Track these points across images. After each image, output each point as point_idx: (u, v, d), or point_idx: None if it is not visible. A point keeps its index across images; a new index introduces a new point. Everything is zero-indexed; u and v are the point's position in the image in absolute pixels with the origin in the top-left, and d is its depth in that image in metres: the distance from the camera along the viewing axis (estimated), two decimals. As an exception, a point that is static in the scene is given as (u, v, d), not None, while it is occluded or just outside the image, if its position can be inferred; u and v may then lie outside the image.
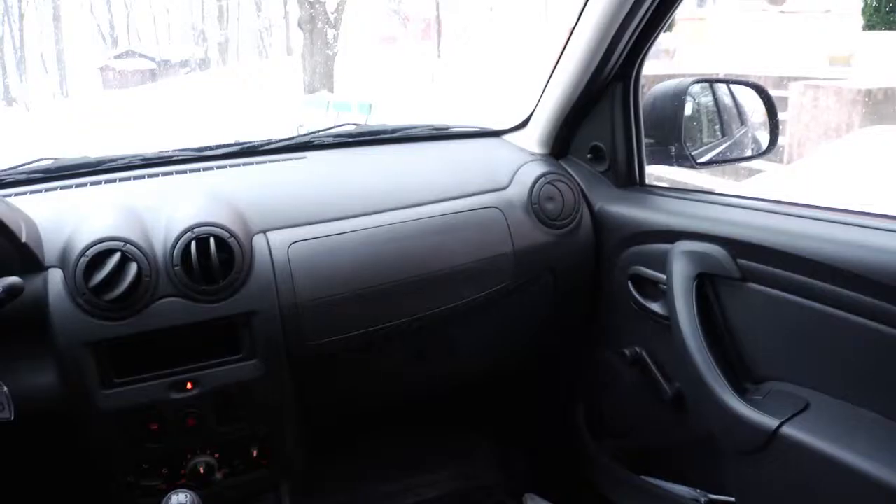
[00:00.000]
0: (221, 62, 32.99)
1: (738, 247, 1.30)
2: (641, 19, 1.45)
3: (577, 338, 1.81)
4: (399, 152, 1.78)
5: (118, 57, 32.13)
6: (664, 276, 1.44)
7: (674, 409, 1.51)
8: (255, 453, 1.46)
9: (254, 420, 1.42)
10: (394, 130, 1.82)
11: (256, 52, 34.75)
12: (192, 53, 33.17)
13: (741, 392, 1.28)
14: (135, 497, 1.41)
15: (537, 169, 1.66)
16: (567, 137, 1.75)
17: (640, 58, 1.57)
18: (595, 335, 1.76)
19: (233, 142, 1.77)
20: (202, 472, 1.40)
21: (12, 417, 1.21)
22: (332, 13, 17.65)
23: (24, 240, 1.24)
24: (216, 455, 1.43)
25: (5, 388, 1.21)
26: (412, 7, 29.91)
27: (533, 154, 1.75)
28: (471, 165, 1.70)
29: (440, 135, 1.86)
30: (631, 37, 1.49)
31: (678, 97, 1.64)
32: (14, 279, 1.12)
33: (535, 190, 1.62)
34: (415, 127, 1.85)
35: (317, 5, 17.07)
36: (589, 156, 1.72)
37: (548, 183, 1.63)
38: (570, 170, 1.72)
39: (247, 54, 34.30)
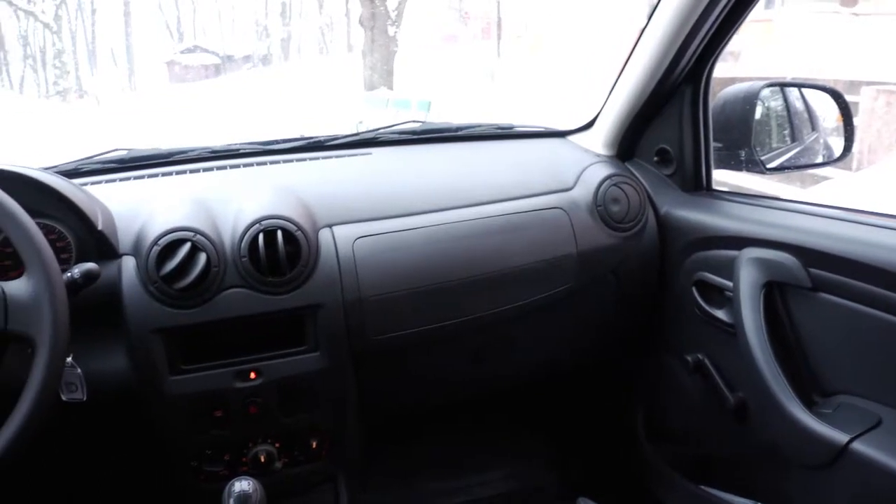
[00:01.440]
0: (283, 58, 33.55)
1: (809, 255, 1.27)
2: (715, 20, 1.42)
3: (638, 342, 1.79)
4: (463, 151, 1.78)
5: (184, 52, 32.92)
6: (730, 283, 1.41)
7: (736, 418, 1.48)
8: (314, 445, 1.48)
9: (315, 412, 1.44)
10: (458, 129, 1.83)
11: (317, 48, 35.22)
12: (255, 49, 33.76)
13: (809, 404, 1.25)
14: (198, 482, 1.45)
15: (603, 170, 1.64)
16: (633, 139, 1.73)
17: (712, 60, 1.54)
18: (656, 340, 1.74)
19: (297, 136, 1.79)
20: (263, 460, 1.43)
21: (85, 398, 1.25)
22: (394, 11, 17.75)
23: (100, 227, 1.28)
24: (277, 444, 1.45)
25: (79, 370, 1.25)
26: (473, 6, 29.93)
27: (598, 155, 1.73)
28: (535, 165, 1.70)
29: (504, 134, 1.86)
30: (703, 38, 1.47)
31: (749, 101, 1.60)
32: (91, 265, 1.15)
33: (600, 191, 1.60)
34: (479, 126, 1.85)
35: (378, 3, 17.19)
36: (655, 159, 1.70)
37: (613, 185, 1.61)
38: (635, 172, 1.70)
39: (308, 50, 34.80)
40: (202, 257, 1.28)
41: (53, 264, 1.02)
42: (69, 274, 1.12)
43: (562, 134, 1.88)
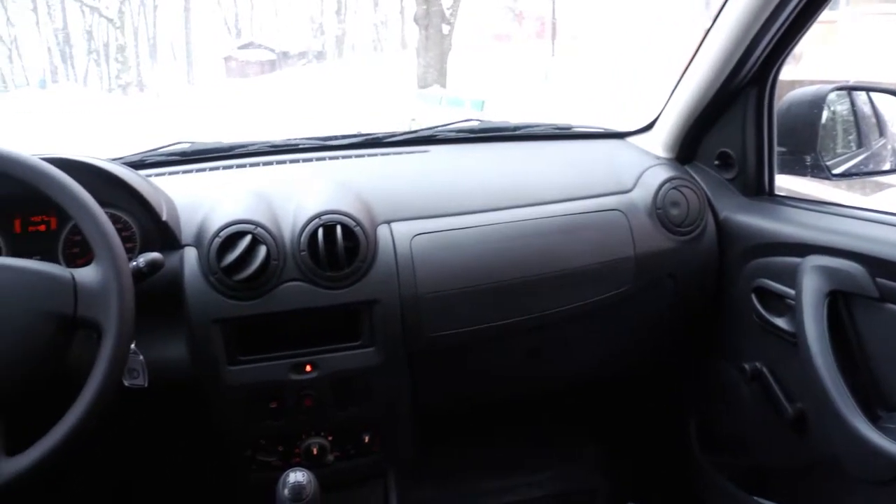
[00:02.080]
0: (337, 54, 33.87)
1: (876, 265, 1.23)
2: (784, 21, 1.39)
3: (694, 347, 1.76)
4: (521, 150, 1.78)
5: (241, 47, 33.48)
6: (792, 291, 1.38)
7: (794, 429, 1.44)
8: (366, 439, 1.49)
9: (368, 407, 1.45)
10: (516, 128, 1.82)
11: (371, 45, 35.46)
12: (310, 45, 34.14)
13: (873, 419, 1.21)
14: (251, 471, 1.47)
15: (663, 173, 1.62)
16: (694, 142, 1.70)
17: (779, 62, 1.51)
18: (713, 346, 1.71)
19: (355, 133, 1.81)
20: (315, 452, 1.44)
21: (146, 385, 1.28)
22: (448, 9, 17.80)
23: (164, 218, 1.31)
24: (329, 438, 1.47)
25: (141, 357, 1.28)
26: (527, 5, 29.81)
27: (658, 158, 1.71)
28: (594, 166, 1.68)
29: (563, 134, 1.85)
30: (771, 39, 1.43)
31: (816, 104, 1.56)
32: (155, 254, 1.18)
33: (659, 194, 1.58)
34: (537, 125, 1.85)
35: (433, 1, 17.24)
36: (716, 162, 1.67)
37: (673, 188, 1.59)
38: (695, 176, 1.67)
39: (362, 48, 35.06)
40: (262, 250, 1.29)
41: (122, 254, 1.05)
42: (135, 263, 1.14)
43: (620, 135, 1.86)
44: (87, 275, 1.04)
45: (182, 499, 1.88)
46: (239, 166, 1.61)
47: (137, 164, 1.55)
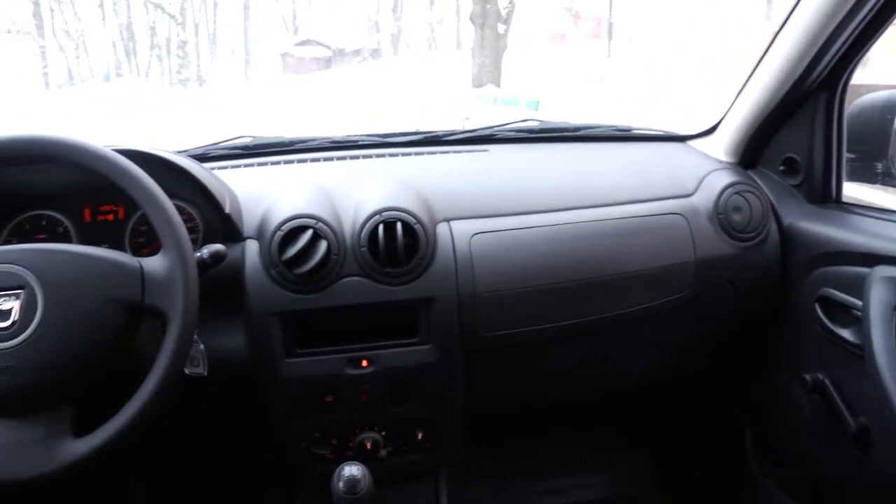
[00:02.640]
0: (393, 52, 34.06)
1: None
2: (859, 24, 1.35)
3: (752, 356, 1.73)
4: (581, 151, 1.76)
5: (298, 44, 33.91)
6: (859, 302, 1.34)
7: (857, 444, 1.40)
8: (419, 436, 1.50)
9: (423, 404, 1.45)
10: (576, 128, 1.81)
11: (426, 44, 35.58)
12: (366, 43, 34.40)
13: None
14: (305, 463, 1.49)
15: (725, 178, 1.59)
16: (759, 147, 1.66)
17: (852, 66, 1.47)
18: (772, 356, 1.67)
19: (414, 130, 1.82)
20: (369, 447, 1.46)
21: (205, 374, 1.30)
22: (504, 9, 17.74)
23: (227, 210, 1.33)
24: (383, 433, 1.48)
25: (202, 346, 1.30)
26: (583, 5, 29.57)
27: (720, 162, 1.68)
28: (654, 169, 1.66)
29: (623, 136, 1.83)
30: (844, 43, 1.39)
31: (889, 110, 1.52)
32: (219, 246, 1.20)
33: (722, 199, 1.55)
34: (597, 126, 1.83)
35: (489, 0, 17.21)
36: (781, 168, 1.63)
37: (736, 193, 1.56)
38: (759, 181, 1.64)
39: (417, 46, 35.21)
40: (323, 245, 1.31)
41: (188, 244, 1.07)
42: (199, 254, 1.16)
43: (681, 138, 1.83)
44: (154, 264, 1.06)
45: (237, 489, 1.92)
46: (300, 161, 1.63)
47: (201, 157, 1.58)
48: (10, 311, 1.00)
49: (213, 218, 1.36)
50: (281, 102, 16.84)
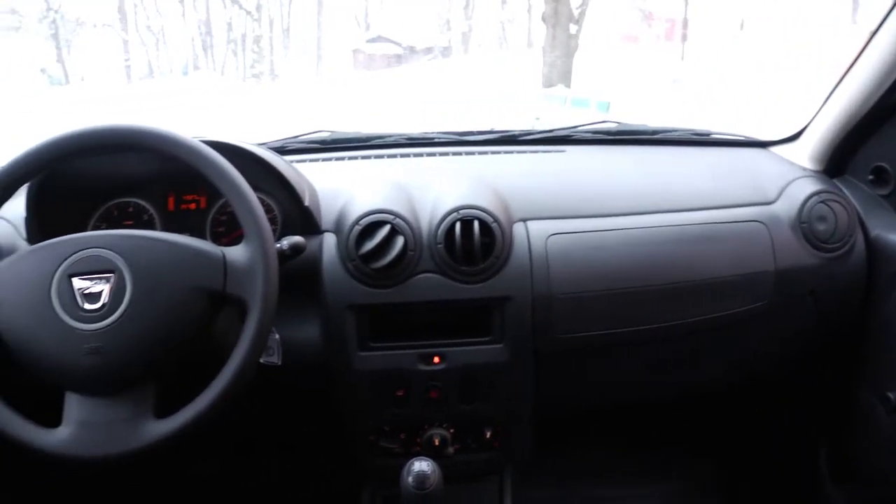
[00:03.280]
0: (463, 51, 34.08)
1: None
2: None
3: (830, 370, 1.67)
4: (659, 154, 1.74)
5: (369, 41, 34.22)
6: None
7: None
8: (487, 435, 1.50)
9: (492, 403, 1.45)
10: (654, 131, 1.79)
11: (497, 42, 35.49)
12: (437, 41, 34.49)
13: None
14: (373, 456, 1.50)
15: (810, 186, 1.54)
16: (846, 155, 1.61)
17: None
18: (852, 371, 1.62)
19: (489, 129, 1.82)
20: (437, 443, 1.46)
21: (279, 363, 1.33)
22: (577, 9, 17.55)
23: (306, 203, 1.36)
24: (451, 430, 1.48)
25: (277, 336, 1.33)
26: (657, 6, 29.06)
27: (805, 169, 1.63)
28: (734, 175, 1.62)
29: (702, 140, 1.79)
30: None
31: None
32: (298, 238, 1.22)
33: (805, 208, 1.50)
34: (675, 129, 1.80)
35: (562, 0, 17.05)
36: (870, 177, 1.58)
37: (821, 202, 1.51)
38: (845, 190, 1.58)
39: (488, 45, 35.15)
40: (400, 240, 1.32)
41: (270, 236, 1.09)
42: (279, 245, 1.19)
43: (763, 144, 1.79)
44: (236, 254, 1.09)
45: (303, 479, 1.95)
46: (377, 157, 1.65)
47: (280, 150, 1.61)
48: (100, 293, 1.04)
49: (291, 210, 1.39)
50: (351, 98, 17.03)
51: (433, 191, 1.43)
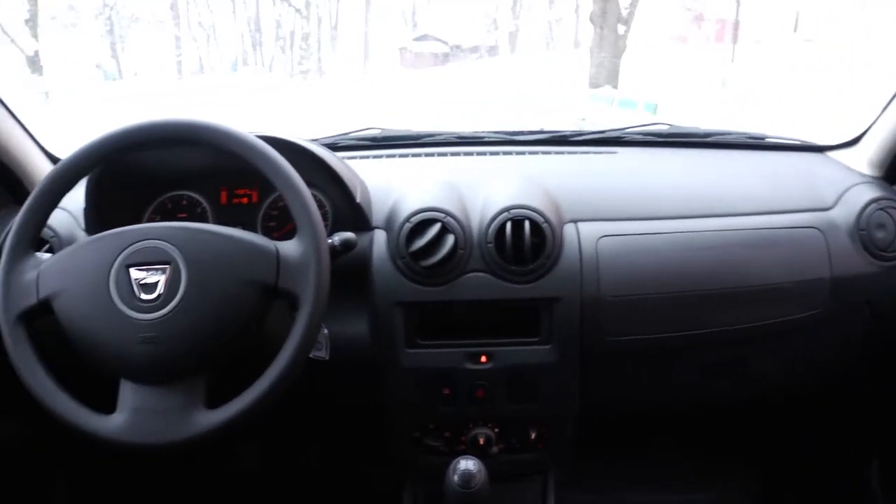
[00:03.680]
0: (510, 50, 33.97)
1: None
2: None
3: (885, 381, 1.63)
4: (712, 157, 1.72)
5: (416, 39, 34.30)
6: None
7: None
8: (533, 435, 1.50)
9: (538, 403, 1.45)
10: (707, 134, 1.76)
11: (544, 42, 35.30)
12: (483, 40, 34.43)
13: None
14: (417, 453, 1.51)
15: (869, 192, 1.51)
16: None
17: None
18: None
19: (539, 129, 1.81)
20: (481, 442, 1.47)
21: (327, 357, 1.34)
22: (625, 9, 17.35)
23: (358, 200, 1.37)
24: (496, 430, 1.48)
25: (326, 331, 1.34)
26: (708, 6, 28.61)
27: (863, 176, 1.59)
28: (790, 180, 1.59)
29: (756, 144, 1.76)
30: None
31: None
32: (350, 234, 1.23)
33: (864, 215, 1.47)
34: (729, 133, 1.78)
35: (610, 0, 16.89)
36: None
37: (880, 209, 1.48)
38: None
39: (535, 44, 34.97)
40: (450, 238, 1.32)
41: (322, 231, 1.10)
42: (331, 241, 1.20)
43: (820, 149, 1.76)
44: (289, 248, 1.10)
45: (345, 474, 1.97)
46: (427, 155, 1.65)
47: (331, 147, 1.63)
48: (156, 284, 1.06)
49: (342, 206, 1.40)
50: (398, 96, 17.10)
51: (484, 190, 1.43)
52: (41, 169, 1.54)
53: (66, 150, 1.58)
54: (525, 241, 1.32)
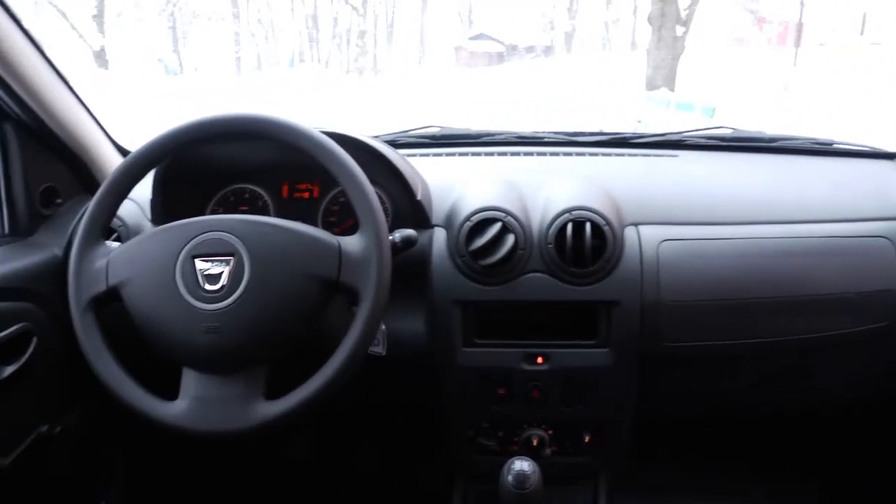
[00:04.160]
0: (566, 51, 33.78)
1: None
2: None
3: None
4: (776, 163, 1.67)
5: (472, 38, 34.35)
6: None
7: None
8: (587, 439, 1.48)
9: (594, 407, 1.44)
10: (771, 139, 1.72)
11: (600, 43, 35.01)
12: (539, 40, 34.30)
13: None
14: (470, 452, 1.51)
15: None
16: None
17: None
18: None
19: (599, 131, 1.79)
20: (535, 444, 1.46)
21: (384, 353, 1.35)
22: (685, 10, 17.10)
23: (419, 197, 1.37)
24: (549, 431, 1.48)
25: (383, 327, 1.35)
26: (770, 8, 28.00)
27: None
28: (858, 187, 1.54)
29: (823, 150, 1.72)
30: None
31: None
32: (411, 231, 1.23)
33: None
34: (794, 138, 1.73)
35: (669, 1, 16.66)
36: None
37: None
38: None
39: (591, 45, 34.72)
40: (510, 238, 1.32)
41: (385, 227, 1.10)
42: (392, 237, 1.20)
43: (890, 156, 1.70)
44: (351, 243, 1.10)
45: (394, 469, 1.98)
46: (487, 154, 1.65)
47: (391, 144, 1.64)
48: (220, 275, 1.07)
49: (403, 204, 1.40)
50: (453, 95, 17.15)
51: (544, 190, 1.42)
52: (110, 160, 1.58)
53: (130, 141, 1.63)
54: (586, 243, 1.31)
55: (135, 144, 1.25)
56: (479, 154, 1.66)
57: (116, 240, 1.42)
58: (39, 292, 1.36)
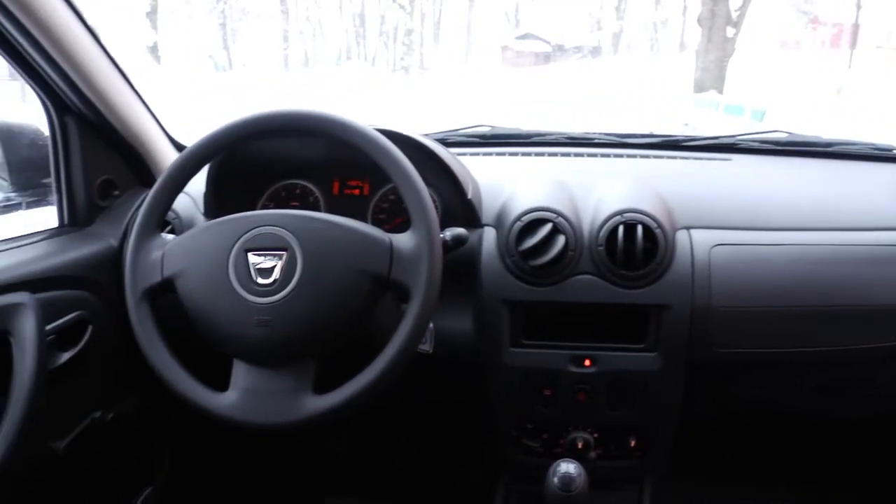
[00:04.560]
0: (613, 51, 33.47)
1: None
2: None
3: None
4: (832, 168, 1.64)
5: (519, 38, 34.22)
6: None
7: None
8: (632, 443, 1.47)
9: (640, 411, 1.42)
10: (828, 144, 1.69)
11: (648, 44, 34.61)
12: (586, 40, 34.02)
13: None
14: (515, 452, 1.51)
15: None
16: None
17: None
18: None
19: (649, 133, 1.78)
20: (580, 446, 1.45)
21: (431, 351, 1.35)
22: (735, 11, 16.81)
23: (469, 196, 1.37)
24: (595, 434, 1.47)
25: (431, 325, 1.35)
26: (823, 9, 27.38)
27: None
28: None
29: (883, 156, 1.68)
30: None
31: None
32: (462, 231, 1.23)
33: None
34: (852, 143, 1.70)
35: (720, 2, 16.39)
36: None
37: None
38: None
39: (639, 46, 34.35)
40: (560, 239, 1.31)
41: (436, 226, 1.10)
42: (442, 236, 1.20)
43: None
44: (403, 241, 1.10)
45: (437, 470, 1.98)
46: (537, 154, 1.65)
47: (441, 143, 1.64)
48: (272, 269, 1.08)
49: (453, 202, 1.40)
50: (499, 94, 17.11)
51: (596, 192, 1.41)
52: (166, 154, 1.62)
53: (182, 136, 1.66)
54: (637, 245, 1.29)
55: (187, 139, 1.27)
56: (529, 154, 1.65)
57: (171, 232, 1.45)
58: (97, 281, 1.39)
